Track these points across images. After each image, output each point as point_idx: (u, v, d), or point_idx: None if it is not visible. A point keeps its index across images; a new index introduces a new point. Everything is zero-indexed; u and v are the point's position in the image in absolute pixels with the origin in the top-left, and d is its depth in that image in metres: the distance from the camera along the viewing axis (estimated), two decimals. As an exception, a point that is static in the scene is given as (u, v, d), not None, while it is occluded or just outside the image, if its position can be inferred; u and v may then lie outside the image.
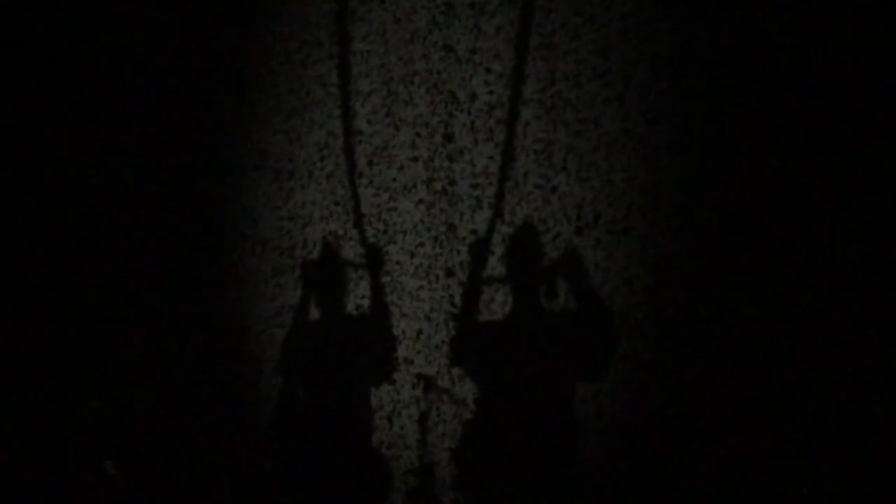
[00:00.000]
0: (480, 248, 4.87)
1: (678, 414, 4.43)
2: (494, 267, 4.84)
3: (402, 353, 5.05)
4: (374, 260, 5.12)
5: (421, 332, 5.04)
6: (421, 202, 5.10)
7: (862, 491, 4.14)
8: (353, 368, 4.98)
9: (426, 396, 4.87)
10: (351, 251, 5.22)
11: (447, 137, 5.06)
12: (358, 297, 5.17)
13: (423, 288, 5.06)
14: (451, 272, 5.01)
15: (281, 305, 5.37)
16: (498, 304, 4.83)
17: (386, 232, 5.17)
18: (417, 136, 5.13)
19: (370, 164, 5.24)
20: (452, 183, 5.04)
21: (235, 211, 5.54)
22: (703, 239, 4.47)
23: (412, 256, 5.10)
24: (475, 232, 4.96)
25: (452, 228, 5.02)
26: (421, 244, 5.09)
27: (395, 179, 5.17)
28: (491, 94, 4.98)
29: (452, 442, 4.79)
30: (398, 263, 5.12)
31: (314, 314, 5.11)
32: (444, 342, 4.96)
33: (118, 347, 5.78)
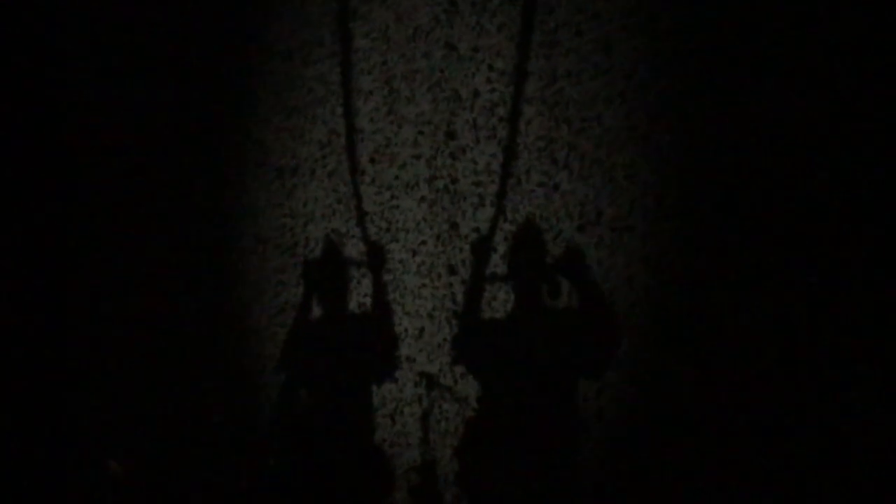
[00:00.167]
0: (482, 245, 4.86)
1: (679, 412, 4.43)
2: (496, 265, 4.83)
3: (404, 351, 5.05)
4: (376, 258, 5.12)
5: (423, 330, 5.04)
6: (423, 200, 5.10)
7: (862, 491, 4.14)
8: (355, 366, 4.97)
9: (428, 394, 4.87)
10: (353, 249, 5.22)
11: (449, 135, 5.06)
12: (360, 295, 5.17)
13: (425, 286, 5.06)
14: (453, 270, 5.00)
15: (283, 303, 5.37)
16: (500, 302, 4.82)
17: (388, 230, 5.17)
18: (419, 133, 5.13)
19: (372, 161, 5.24)
20: (454, 181, 5.03)
21: (237, 209, 5.55)
22: (704, 237, 4.47)
23: (414, 254, 5.10)
24: (477, 230, 4.95)
25: (454, 226, 5.02)
26: (423, 242, 5.09)
27: (397, 177, 5.17)
28: (493, 91, 4.98)
29: (454, 440, 4.79)
30: (400, 261, 5.12)
31: (316, 312, 5.11)
32: (446, 340, 4.96)
33: (120, 346, 5.79)
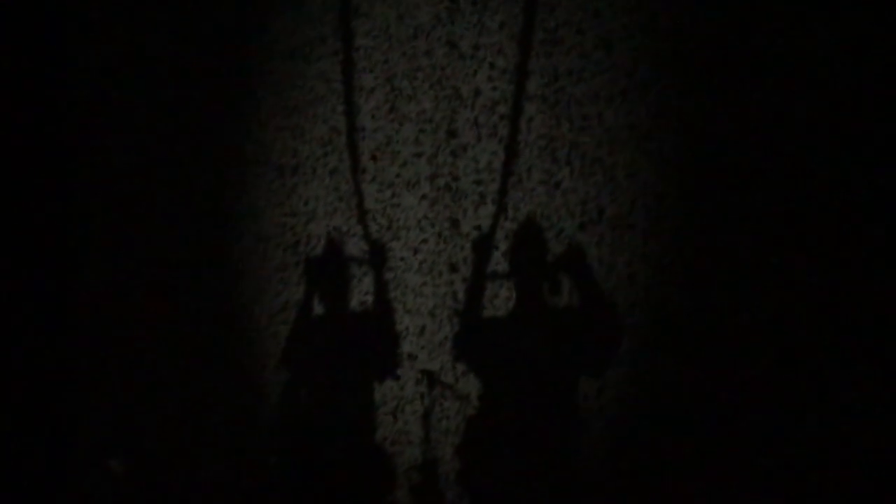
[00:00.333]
0: (484, 243, 4.86)
1: (680, 411, 4.43)
2: (498, 263, 4.83)
3: (405, 349, 5.04)
4: (377, 256, 5.12)
5: (424, 328, 5.04)
6: (424, 198, 5.09)
7: (862, 491, 4.14)
8: (356, 364, 4.97)
9: (430, 392, 4.87)
10: (354, 247, 5.21)
11: (451, 133, 5.06)
12: (361, 293, 5.17)
13: (426, 284, 5.06)
14: (454, 268, 5.00)
15: (284, 301, 5.37)
16: (501, 300, 4.82)
17: (389, 228, 5.17)
18: (421, 131, 5.13)
19: (373, 159, 5.23)
20: (456, 179, 5.03)
21: (238, 207, 5.54)
22: (706, 235, 4.47)
23: (415, 252, 5.10)
24: (479, 228, 4.95)
25: (456, 224, 5.02)
26: (424, 240, 5.09)
27: (398, 175, 5.17)
28: (494, 89, 4.98)
29: (456, 438, 4.79)
30: (402, 259, 5.12)
31: (318, 310, 5.10)
32: (447, 338, 4.96)
33: (121, 345, 5.79)
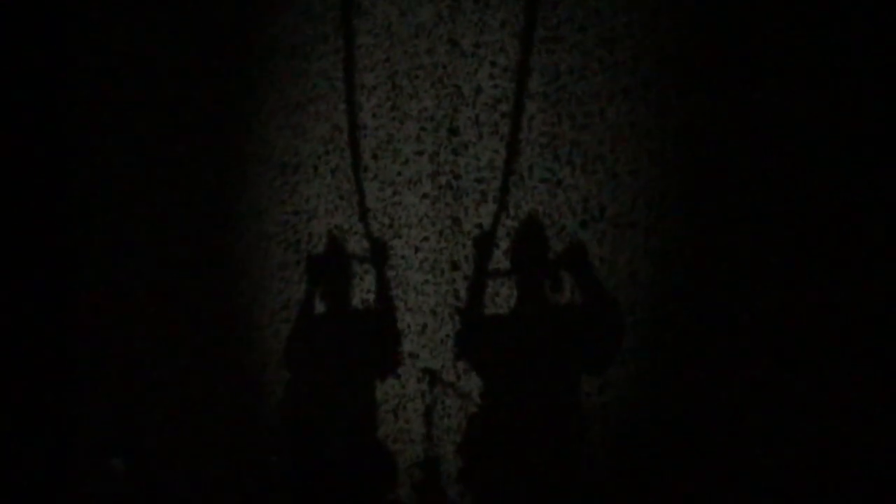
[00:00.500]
0: (485, 241, 4.86)
1: (683, 408, 4.42)
2: (499, 261, 4.83)
3: (407, 347, 5.04)
4: (379, 254, 5.11)
5: (426, 326, 5.04)
6: (426, 196, 5.09)
7: (862, 491, 4.14)
8: (357, 363, 4.97)
9: (431, 390, 4.87)
10: (356, 245, 5.21)
11: (452, 131, 5.06)
12: (363, 291, 5.17)
13: (428, 282, 5.05)
14: (456, 266, 5.00)
15: (286, 300, 5.37)
16: (503, 298, 4.82)
17: (391, 226, 5.17)
18: (422, 130, 5.13)
19: (375, 158, 5.23)
20: (457, 177, 5.03)
21: (239, 205, 5.54)
22: (708, 232, 4.47)
23: (417, 251, 5.10)
24: (480, 226, 4.95)
25: (457, 222, 5.02)
26: (426, 238, 5.09)
27: (399, 173, 5.17)
28: (496, 87, 4.98)
29: (457, 436, 4.78)
30: (403, 258, 5.12)
31: (319, 309, 5.10)
32: (449, 336, 4.96)
33: (122, 344, 5.79)
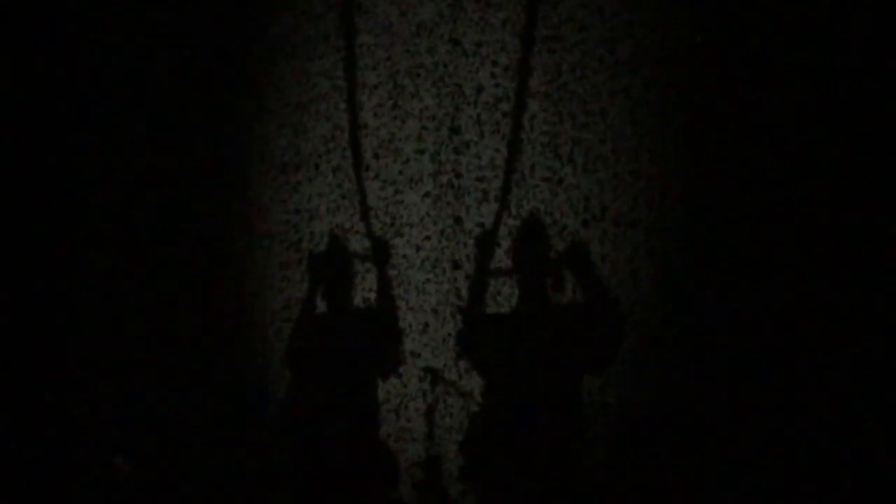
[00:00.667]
0: (487, 240, 4.84)
1: (684, 406, 4.43)
2: (501, 260, 4.83)
3: (408, 346, 5.05)
4: (380, 253, 5.10)
5: (427, 325, 5.04)
6: (427, 195, 5.09)
7: (863, 490, 4.14)
8: (359, 362, 4.97)
9: (433, 389, 4.87)
10: (357, 244, 5.21)
11: (453, 130, 5.06)
12: (364, 290, 5.17)
13: (429, 281, 5.06)
14: (457, 265, 5.00)
15: (287, 299, 5.37)
16: (504, 297, 4.82)
17: (392, 225, 5.17)
18: (423, 129, 5.13)
19: (376, 157, 5.23)
20: (459, 176, 5.03)
21: (241, 205, 5.54)
22: (709, 232, 4.46)
23: (418, 249, 5.10)
24: (481, 225, 4.95)
25: (459, 221, 5.02)
26: (427, 237, 5.09)
27: (401, 172, 5.17)
28: (497, 86, 4.98)
29: (459, 435, 4.78)
30: (405, 257, 5.12)
31: (321, 308, 5.10)
32: (450, 335, 4.96)
33: (124, 343, 5.79)
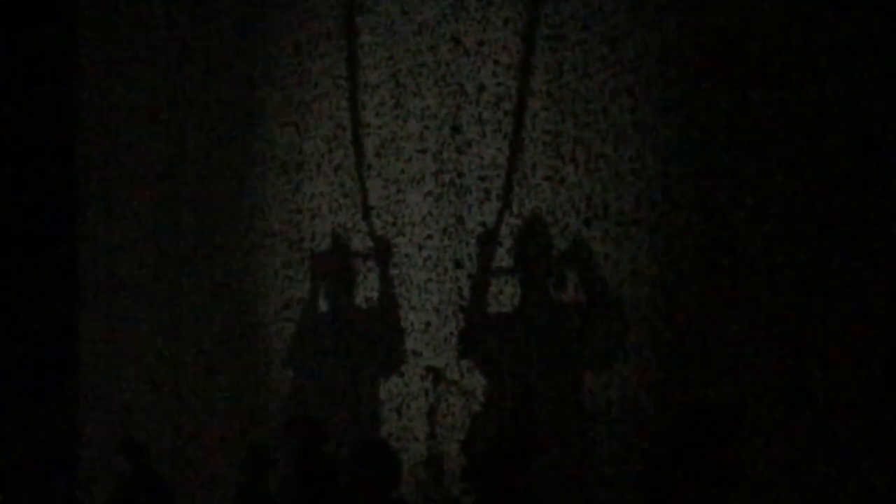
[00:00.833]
0: (489, 239, 4.86)
1: (686, 405, 4.42)
2: (503, 259, 4.83)
3: (410, 345, 5.04)
4: (382, 252, 5.12)
5: (429, 324, 5.03)
6: (429, 194, 5.09)
7: (864, 490, 4.13)
8: (361, 361, 4.98)
9: (435, 388, 4.87)
10: (359, 243, 5.22)
11: (455, 129, 5.05)
12: (366, 289, 5.17)
13: (431, 280, 5.05)
14: (459, 264, 5.00)
15: (290, 298, 5.37)
16: (506, 296, 4.82)
17: (394, 224, 5.17)
18: (425, 128, 5.12)
19: (378, 156, 5.23)
20: (461, 175, 5.03)
21: (243, 204, 5.55)
22: (711, 230, 4.46)
23: (420, 249, 5.09)
24: (484, 224, 4.95)
25: (461, 220, 5.02)
26: (429, 236, 5.09)
27: (403, 171, 5.17)
28: (499, 85, 4.97)
29: (461, 434, 4.78)
30: (407, 256, 5.12)
31: (323, 306, 5.11)
32: (452, 334, 4.96)
33: (127, 343, 5.80)
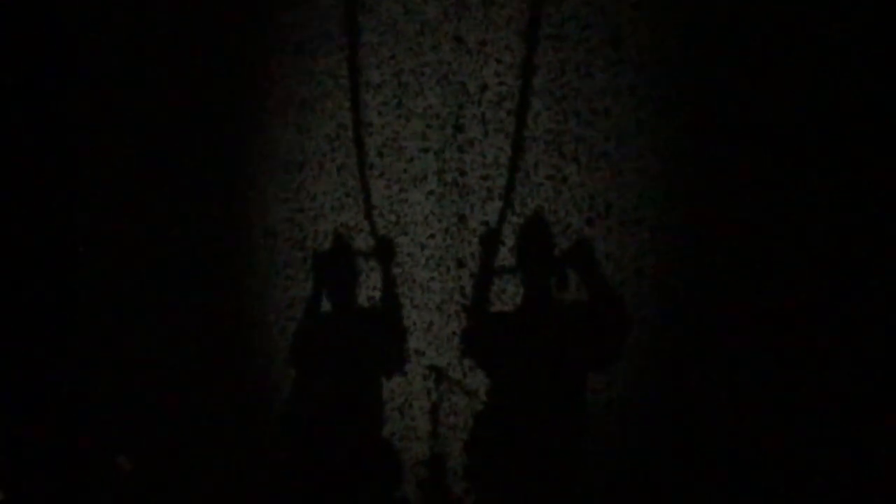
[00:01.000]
0: (491, 239, 4.86)
1: (690, 404, 4.42)
2: (505, 258, 4.83)
3: (413, 344, 5.05)
4: (385, 251, 5.12)
5: (432, 323, 5.04)
6: (431, 193, 5.10)
7: (863, 491, 4.13)
8: (364, 360, 4.98)
9: (437, 388, 4.87)
10: (362, 243, 5.22)
11: (457, 128, 5.06)
12: (369, 288, 5.17)
13: (434, 279, 5.06)
14: (462, 263, 5.00)
15: (292, 297, 5.38)
16: (509, 295, 4.82)
17: (397, 223, 5.17)
18: (428, 127, 5.13)
19: (380, 155, 5.24)
20: (463, 174, 5.03)
21: (245, 203, 5.55)
22: (714, 229, 4.46)
23: (423, 248, 5.10)
24: (486, 223, 4.95)
25: (463, 220, 5.02)
26: (432, 235, 5.09)
27: (405, 171, 5.17)
28: (501, 85, 4.98)
29: (464, 434, 4.79)
30: (409, 255, 5.12)
31: (325, 306, 5.11)
32: (455, 333, 4.96)
33: (128, 342, 5.79)
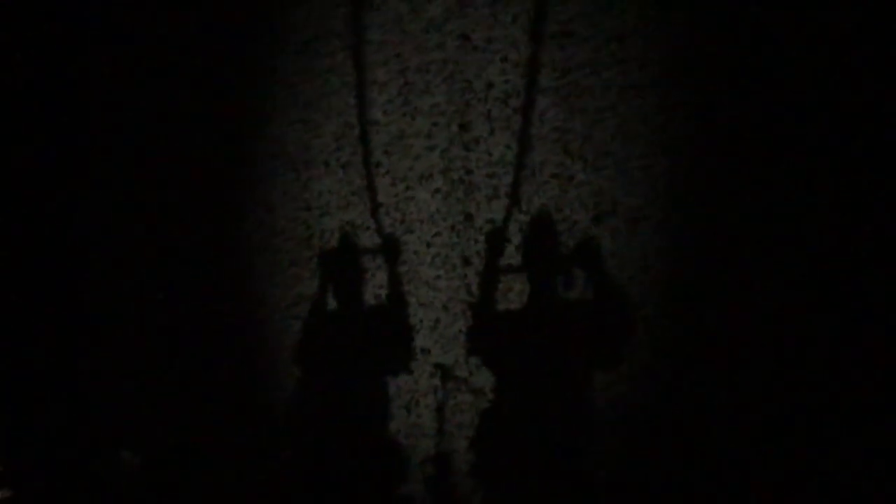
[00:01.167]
0: (497, 237, 4.85)
1: (694, 403, 4.42)
2: (511, 256, 4.83)
3: (419, 342, 5.05)
4: (390, 250, 5.12)
5: (438, 321, 5.04)
6: (437, 192, 5.10)
7: (864, 491, 4.13)
8: (370, 358, 4.98)
9: (443, 386, 4.87)
10: (368, 241, 5.22)
11: (463, 126, 5.06)
12: (375, 286, 5.17)
13: (439, 277, 5.06)
14: (467, 261, 5.00)
15: (298, 295, 5.38)
16: (515, 293, 4.82)
17: (403, 222, 5.17)
18: (434, 125, 5.13)
19: (386, 153, 5.24)
20: (469, 172, 5.03)
21: (251, 201, 5.55)
22: (719, 227, 4.46)
23: (429, 246, 5.10)
24: (492, 221, 4.95)
25: (469, 218, 5.02)
26: (438, 234, 5.09)
27: (411, 169, 5.17)
28: (507, 82, 4.98)
29: (469, 431, 4.79)
30: (415, 253, 5.12)
31: (331, 304, 5.11)
32: (461, 331, 4.96)
33: (134, 339, 5.80)
